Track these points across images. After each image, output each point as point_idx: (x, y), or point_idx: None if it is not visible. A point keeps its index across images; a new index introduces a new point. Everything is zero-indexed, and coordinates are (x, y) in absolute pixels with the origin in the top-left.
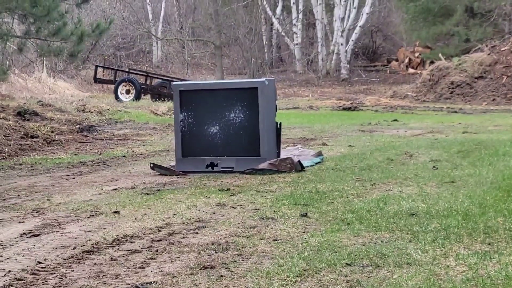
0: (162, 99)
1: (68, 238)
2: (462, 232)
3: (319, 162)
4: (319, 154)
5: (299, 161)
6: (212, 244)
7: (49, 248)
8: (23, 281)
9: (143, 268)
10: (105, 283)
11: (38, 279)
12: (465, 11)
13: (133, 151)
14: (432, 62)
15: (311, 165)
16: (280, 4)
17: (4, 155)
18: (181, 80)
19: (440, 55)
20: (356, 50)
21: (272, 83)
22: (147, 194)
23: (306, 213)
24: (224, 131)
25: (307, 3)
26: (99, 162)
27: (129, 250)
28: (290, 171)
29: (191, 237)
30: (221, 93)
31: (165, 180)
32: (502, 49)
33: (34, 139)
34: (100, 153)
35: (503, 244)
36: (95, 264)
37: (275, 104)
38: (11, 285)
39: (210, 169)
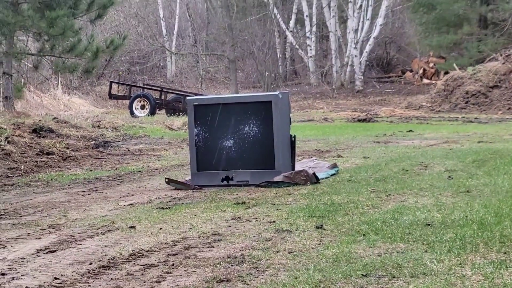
0: (177, 114)
1: (85, 254)
2: (478, 241)
3: (334, 174)
4: (334, 166)
5: (314, 173)
6: (228, 257)
7: (66, 264)
8: None
9: (159, 282)
10: None
11: None
12: (478, 21)
13: (148, 166)
14: (446, 73)
15: (326, 177)
16: (293, 17)
17: (20, 172)
18: (196, 94)
19: (454, 65)
20: (370, 61)
21: (286, 96)
22: (163, 208)
23: (322, 225)
24: (238, 145)
25: (321, 15)
26: (114, 178)
27: (145, 264)
28: (305, 184)
29: (206, 251)
30: (235, 107)
31: (180, 195)
32: None
33: (50, 156)
34: (116, 169)
35: None
36: (111, 279)
37: (289, 117)
38: None
39: (225, 182)
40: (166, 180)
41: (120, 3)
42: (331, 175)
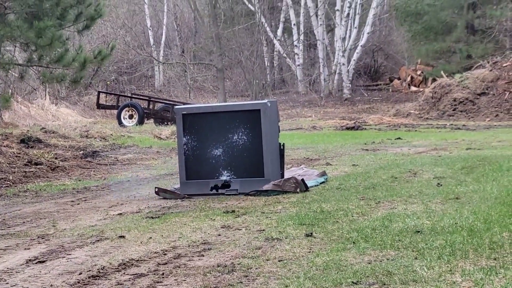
0: (165, 123)
1: (74, 264)
2: (468, 248)
3: (323, 182)
4: (323, 174)
5: (302, 179)
6: (218, 266)
7: (55, 274)
8: None
9: None
10: None
11: None
12: (465, 28)
13: (137, 176)
14: (434, 80)
15: (315, 185)
16: (281, 26)
17: (8, 182)
18: (184, 103)
19: (442, 72)
20: (358, 69)
21: (274, 105)
22: (152, 218)
23: (311, 233)
24: (227, 153)
25: (308, 24)
26: (103, 187)
27: (135, 274)
28: (294, 191)
29: (196, 260)
30: (223, 115)
31: (169, 204)
32: (504, 65)
33: (38, 166)
34: (105, 178)
35: (509, 259)
36: None
37: (278, 125)
38: None
39: (214, 191)
40: (156, 190)
41: (108, 14)
42: (320, 183)
